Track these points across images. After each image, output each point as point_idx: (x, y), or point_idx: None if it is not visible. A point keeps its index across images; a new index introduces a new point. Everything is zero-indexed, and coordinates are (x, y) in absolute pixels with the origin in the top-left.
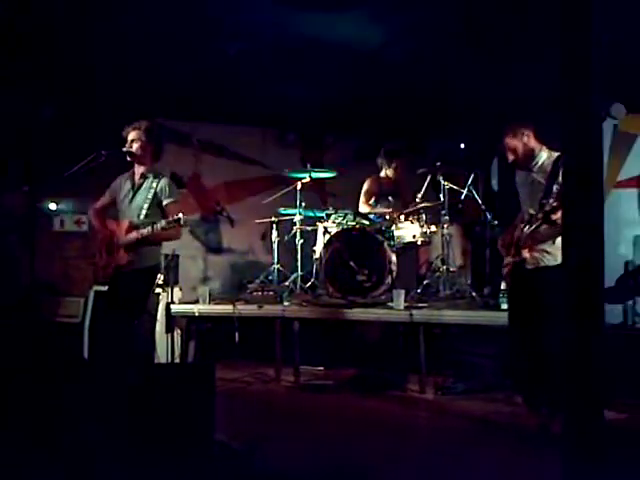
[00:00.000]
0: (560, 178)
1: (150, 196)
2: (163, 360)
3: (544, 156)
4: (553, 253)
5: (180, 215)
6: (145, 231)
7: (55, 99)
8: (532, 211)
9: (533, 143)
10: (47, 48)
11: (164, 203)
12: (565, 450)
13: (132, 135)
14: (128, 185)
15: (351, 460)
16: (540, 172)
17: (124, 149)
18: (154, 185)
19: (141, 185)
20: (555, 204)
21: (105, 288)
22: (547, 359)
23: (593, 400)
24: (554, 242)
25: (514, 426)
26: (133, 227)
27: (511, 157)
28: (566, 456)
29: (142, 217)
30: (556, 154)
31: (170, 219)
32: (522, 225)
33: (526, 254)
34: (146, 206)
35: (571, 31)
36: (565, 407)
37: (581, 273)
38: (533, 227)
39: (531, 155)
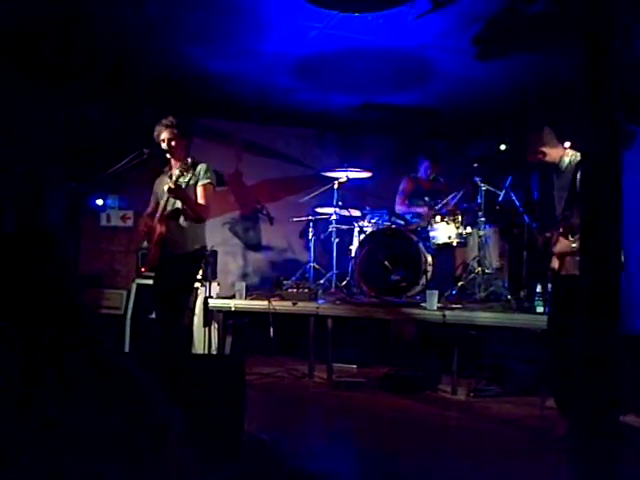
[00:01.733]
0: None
1: (192, 182)
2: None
3: (566, 161)
4: None
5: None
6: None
7: (100, 96)
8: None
9: (553, 156)
10: (92, 45)
11: (199, 184)
12: (573, 452)
13: (166, 134)
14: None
15: (379, 458)
16: (563, 178)
17: (164, 148)
18: (193, 173)
19: (179, 179)
20: (561, 229)
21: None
22: (580, 364)
23: (604, 404)
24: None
25: (544, 430)
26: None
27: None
28: (574, 457)
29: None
30: (579, 157)
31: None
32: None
33: (555, 264)
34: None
35: (595, 38)
36: (576, 410)
37: (598, 284)
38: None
39: (552, 164)
